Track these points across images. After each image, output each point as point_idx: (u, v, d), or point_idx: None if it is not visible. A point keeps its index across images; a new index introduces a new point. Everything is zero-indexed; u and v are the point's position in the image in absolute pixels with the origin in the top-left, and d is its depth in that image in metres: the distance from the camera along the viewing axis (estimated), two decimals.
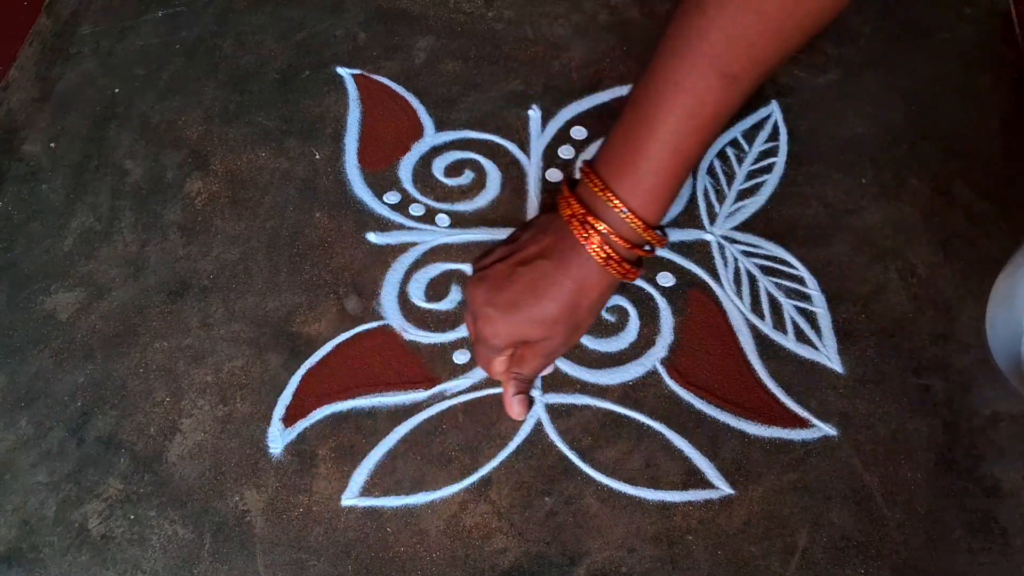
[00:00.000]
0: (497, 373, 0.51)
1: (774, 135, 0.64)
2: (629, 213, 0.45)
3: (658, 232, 0.47)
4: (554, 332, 0.48)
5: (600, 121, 0.65)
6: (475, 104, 0.66)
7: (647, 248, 0.48)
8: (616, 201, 0.45)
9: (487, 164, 0.63)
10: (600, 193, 0.45)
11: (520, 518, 0.49)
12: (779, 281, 0.57)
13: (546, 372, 0.54)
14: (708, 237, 0.59)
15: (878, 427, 0.51)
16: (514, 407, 0.51)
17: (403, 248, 0.60)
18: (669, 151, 0.43)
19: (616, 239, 0.46)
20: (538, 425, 0.52)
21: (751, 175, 0.62)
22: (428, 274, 0.58)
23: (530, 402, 0.52)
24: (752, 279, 0.57)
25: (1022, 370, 0.48)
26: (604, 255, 0.46)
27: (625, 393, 0.53)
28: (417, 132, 0.65)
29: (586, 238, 0.46)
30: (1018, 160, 0.61)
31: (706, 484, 0.50)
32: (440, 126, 0.65)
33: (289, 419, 0.53)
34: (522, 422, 0.52)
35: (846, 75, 0.66)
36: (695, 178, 0.62)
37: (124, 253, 0.60)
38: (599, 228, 0.45)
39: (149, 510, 0.51)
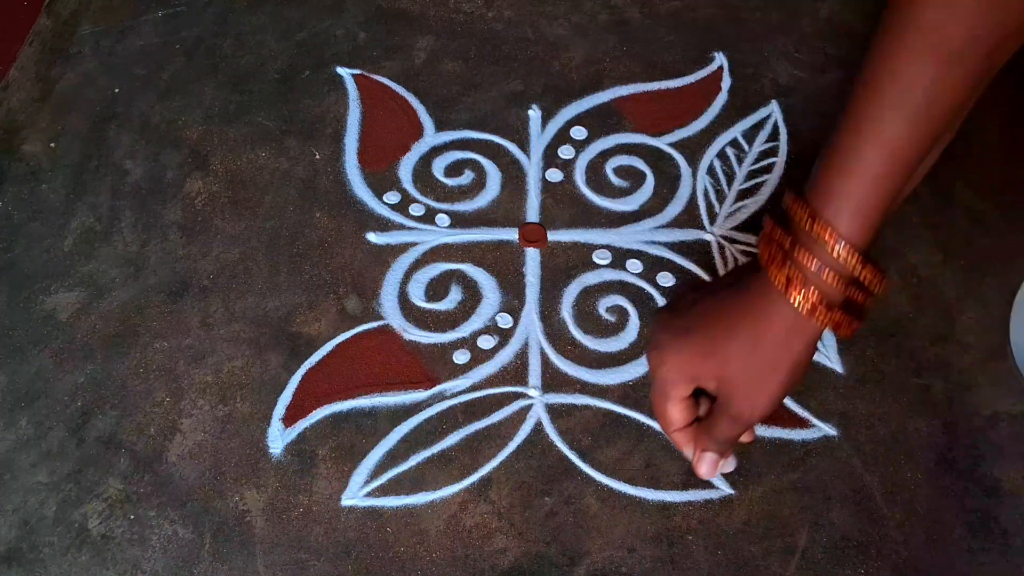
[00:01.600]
0: (673, 425, 0.44)
1: (774, 135, 0.64)
2: (829, 230, 0.36)
3: (870, 263, 0.37)
4: (728, 374, 0.40)
5: (600, 121, 0.65)
6: (475, 104, 0.66)
7: (855, 285, 0.37)
8: (810, 217, 0.37)
9: (487, 164, 0.63)
10: (797, 209, 0.38)
11: (520, 518, 0.49)
12: None
13: (729, 467, 0.47)
14: (708, 237, 0.59)
15: (878, 427, 0.51)
16: (702, 466, 0.45)
17: (403, 248, 0.60)
18: (880, 152, 0.35)
19: (808, 264, 0.37)
20: (538, 425, 0.52)
21: (751, 175, 0.62)
22: (428, 274, 0.58)
23: (717, 463, 0.45)
24: None
25: None
26: (785, 279, 0.37)
27: (625, 393, 0.53)
28: (417, 132, 0.65)
29: (769, 260, 0.38)
30: (1018, 160, 0.61)
31: (706, 484, 0.50)
32: (440, 126, 0.65)
33: (289, 419, 0.53)
34: (521, 423, 0.52)
35: (846, 75, 0.66)
36: (695, 178, 0.62)
37: (124, 253, 0.60)
38: (787, 248, 0.37)
39: (149, 510, 0.51)
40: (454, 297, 0.57)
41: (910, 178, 0.37)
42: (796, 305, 0.37)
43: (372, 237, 0.60)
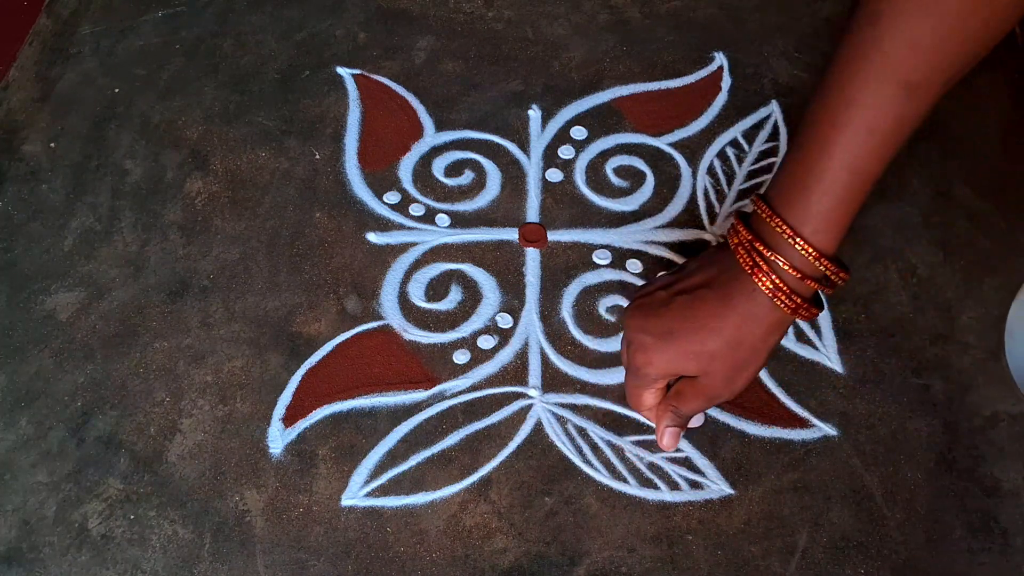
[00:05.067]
0: (646, 407, 0.48)
1: (774, 135, 0.64)
2: (800, 240, 0.40)
3: (836, 264, 0.41)
4: (712, 368, 0.44)
5: (600, 121, 0.65)
6: (475, 104, 0.66)
7: (823, 282, 0.42)
8: (786, 227, 0.40)
9: (487, 164, 0.63)
10: (768, 220, 0.41)
11: (520, 518, 0.49)
12: None
13: (696, 422, 0.50)
14: (708, 237, 0.59)
15: (878, 427, 0.51)
16: (665, 439, 0.48)
17: (403, 248, 0.60)
18: (845, 171, 0.38)
19: (786, 268, 0.40)
20: (538, 425, 0.52)
21: (751, 175, 0.62)
22: (428, 274, 0.59)
23: (680, 435, 0.49)
24: None
25: None
26: (772, 286, 0.41)
27: (625, 393, 0.53)
28: (417, 132, 0.65)
29: (752, 267, 0.41)
30: (1018, 160, 0.61)
31: (706, 484, 0.50)
32: (440, 126, 0.65)
33: (289, 419, 0.53)
34: (521, 423, 0.52)
35: None
36: (695, 178, 0.62)
37: (124, 253, 0.60)
38: (767, 256, 0.41)
39: (149, 510, 0.51)
40: (454, 297, 0.57)
41: (878, 175, 0.40)
42: (763, 288, 0.41)
43: (372, 237, 0.60)
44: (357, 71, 0.69)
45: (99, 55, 0.71)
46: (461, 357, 0.55)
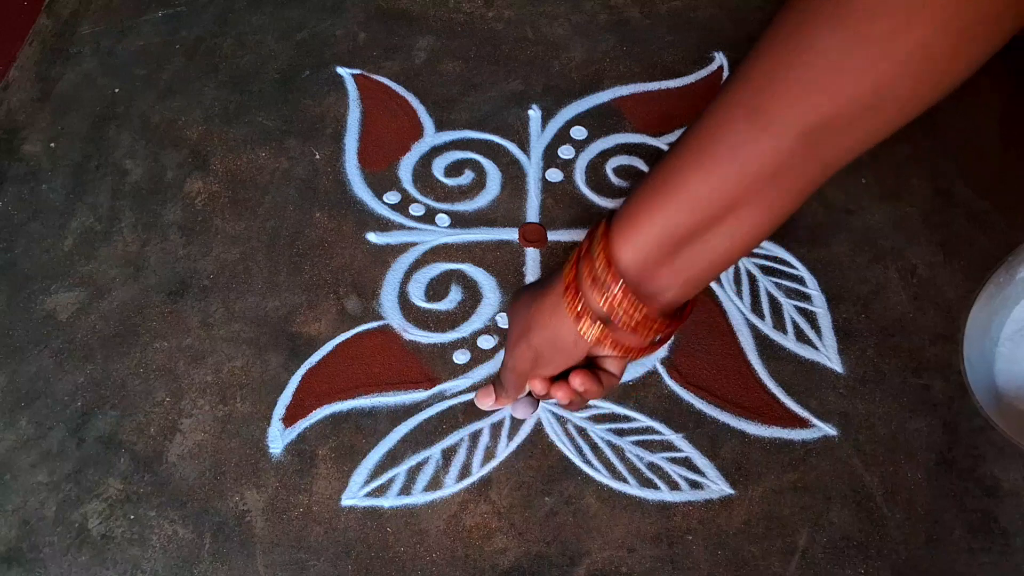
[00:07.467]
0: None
1: None
2: (607, 259, 0.37)
3: (631, 300, 0.37)
4: (513, 323, 0.44)
5: (600, 121, 0.65)
6: (475, 104, 0.66)
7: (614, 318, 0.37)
8: (601, 247, 0.37)
9: (487, 164, 0.63)
10: (598, 237, 0.38)
11: (520, 518, 0.49)
12: (779, 281, 0.57)
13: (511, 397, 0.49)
14: None
15: (878, 427, 0.51)
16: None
17: (403, 248, 0.60)
18: (678, 201, 0.35)
19: (594, 291, 0.37)
20: (538, 425, 0.52)
21: None
22: (428, 274, 0.58)
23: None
24: (752, 279, 0.57)
25: (1000, 406, 0.48)
26: (570, 307, 0.38)
27: (625, 393, 0.53)
28: (417, 132, 0.65)
29: (572, 273, 0.39)
30: (1018, 160, 0.61)
31: (706, 484, 0.50)
32: (440, 126, 0.65)
33: (289, 419, 0.53)
34: (523, 422, 0.52)
35: None
36: None
37: (124, 253, 0.60)
38: (583, 269, 0.38)
39: (149, 510, 0.51)
40: (454, 297, 0.57)
41: (705, 236, 0.35)
42: (567, 308, 0.39)
43: (372, 237, 0.60)
44: (357, 71, 0.69)
45: (99, 55, 0.71)
46: (461, 357, 0.55)
